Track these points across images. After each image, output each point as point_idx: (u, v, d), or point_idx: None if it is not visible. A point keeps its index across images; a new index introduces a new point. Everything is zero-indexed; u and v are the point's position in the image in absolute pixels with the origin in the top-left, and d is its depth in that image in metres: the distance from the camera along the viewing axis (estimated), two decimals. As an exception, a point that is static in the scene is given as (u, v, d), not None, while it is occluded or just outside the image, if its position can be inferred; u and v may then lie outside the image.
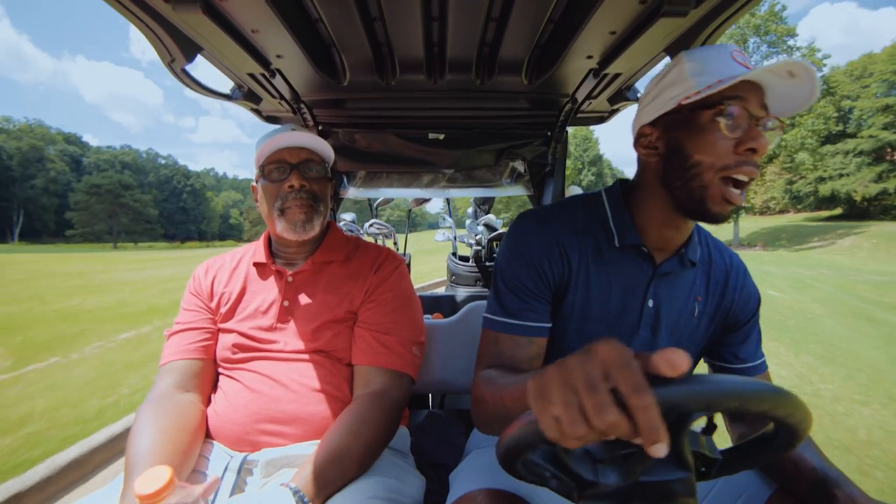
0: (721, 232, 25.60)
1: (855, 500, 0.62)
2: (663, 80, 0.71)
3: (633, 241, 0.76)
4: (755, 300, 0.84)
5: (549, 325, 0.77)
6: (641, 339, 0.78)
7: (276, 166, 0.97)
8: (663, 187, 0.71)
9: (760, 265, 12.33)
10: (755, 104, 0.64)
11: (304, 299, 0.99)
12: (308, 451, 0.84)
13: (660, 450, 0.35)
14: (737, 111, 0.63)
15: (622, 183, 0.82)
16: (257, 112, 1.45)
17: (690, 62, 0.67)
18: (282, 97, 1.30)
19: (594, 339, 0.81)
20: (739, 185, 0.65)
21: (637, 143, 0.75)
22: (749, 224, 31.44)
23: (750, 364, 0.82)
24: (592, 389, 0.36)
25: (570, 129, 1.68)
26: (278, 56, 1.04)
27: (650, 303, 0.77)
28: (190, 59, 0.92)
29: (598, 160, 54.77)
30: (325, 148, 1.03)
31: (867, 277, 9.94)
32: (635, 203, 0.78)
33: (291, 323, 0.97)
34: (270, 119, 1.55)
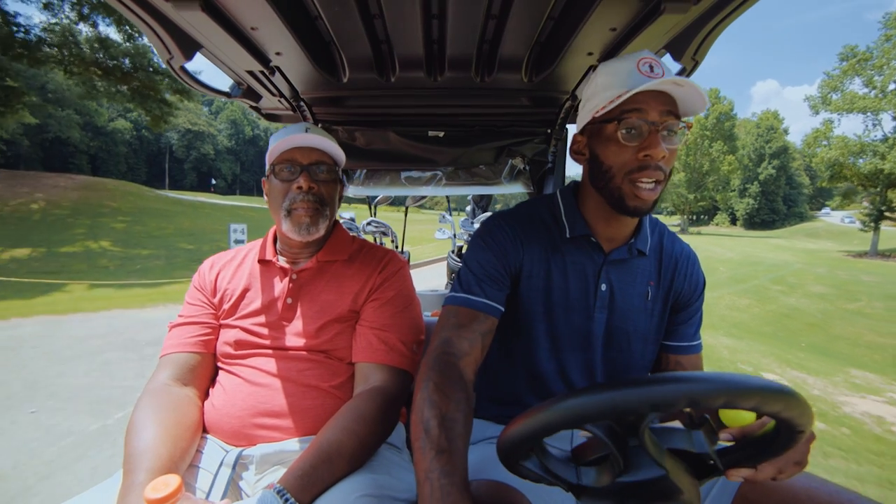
0: (861, 241, 24.40)
1: None
2: (585, 92, 0.79)
3: (582, 232, 0.85)
4: (701, 285, 0.93)
5: (503, 308, 0.85)
6: (597, 320, 0.86)
7: (286, 165, 0.98)
8: (593, 188, 0.81)
9: (856, 273, 12.98)
10: (655, 112, 0.71)
11: (307, 297, 0.99)
12: (303, 447, 0.84)
13: None
14: (634, 122, 0.71)
15: (575, 183, 0.92)
16: (257, 109, 1.45)
17: (602, 76, 0.75)
18: (281, 95, 1.30)
19: (558, 321, 0.85)
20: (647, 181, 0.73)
21: (570, 149, 0.85)
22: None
23: (685, 343, 0.91)
24: None
25: (568, 127, 1.67)
26: (277, 53, 1.03)
27: (603, 287, 0.85)
28: (189, 56, 0.92)
29: (782, 152, 50.64)
30: (336, 150, 1.03)
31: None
32: (583, 200, 0.87)
33: (294, 320, 0.97)
34: (270, 117, 1.54)
